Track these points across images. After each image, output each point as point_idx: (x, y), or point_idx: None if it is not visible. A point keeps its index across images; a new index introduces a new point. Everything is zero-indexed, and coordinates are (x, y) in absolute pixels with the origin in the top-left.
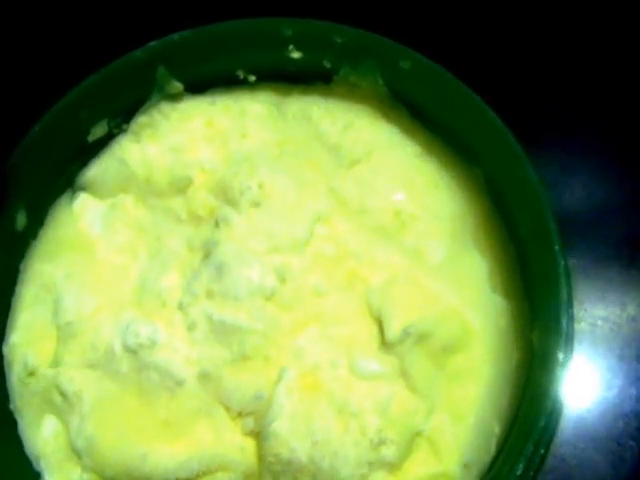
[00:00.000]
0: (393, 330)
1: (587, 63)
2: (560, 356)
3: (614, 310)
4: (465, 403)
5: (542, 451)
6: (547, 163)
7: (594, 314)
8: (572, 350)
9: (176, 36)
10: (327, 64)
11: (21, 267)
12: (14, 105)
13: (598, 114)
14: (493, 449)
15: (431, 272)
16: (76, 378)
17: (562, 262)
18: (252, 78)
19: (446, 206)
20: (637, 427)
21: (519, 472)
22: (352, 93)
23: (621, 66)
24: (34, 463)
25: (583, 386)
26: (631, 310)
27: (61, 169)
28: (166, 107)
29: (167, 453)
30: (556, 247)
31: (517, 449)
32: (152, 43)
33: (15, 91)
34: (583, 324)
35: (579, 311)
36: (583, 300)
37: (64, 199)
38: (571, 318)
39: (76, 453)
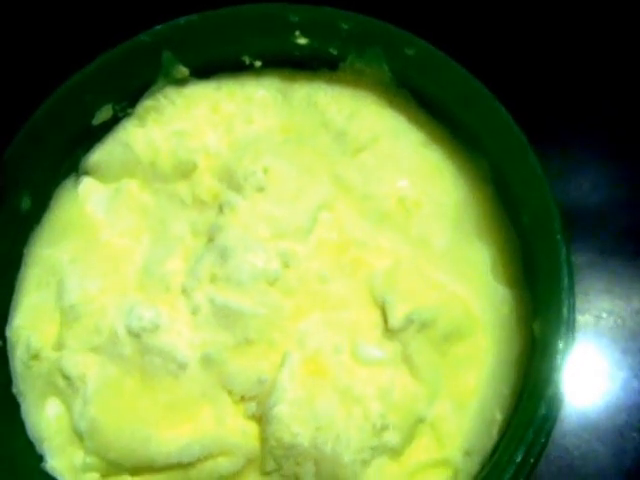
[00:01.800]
0: (396, 317)
1: (595, 53)
2: (561, 345)
3: (619, 303)
4: (467, 390)
5: (543, 439)
6: (553, 155)
7: (599, 306)
8: (573, 339)
9: (182, 20)
10: (333, 51)
11: (25, 251)
12: (19, 88)
13: (605, 106)
14: (495, 436)
15: (434, 260)
16: (79, 361)
17: (564, 251)
18: (258, 63)
19: (450, 194)
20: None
21: (519, 459)
22: (358, 80)
23: (629, 58)
24: (37, 446)
25: (587, 378)
26: (636, 303)
27: (65, 153)
28: (171, 92)
29: (169, 437)
30: (558, 236)
31: (518, 436)
32: (158, 27)
33: (20, 74)
34: (588, 316)
35: (584, 303)
36: (588, 292)
37: (68, 183)
38: (572, 307)
39: (79, 436)
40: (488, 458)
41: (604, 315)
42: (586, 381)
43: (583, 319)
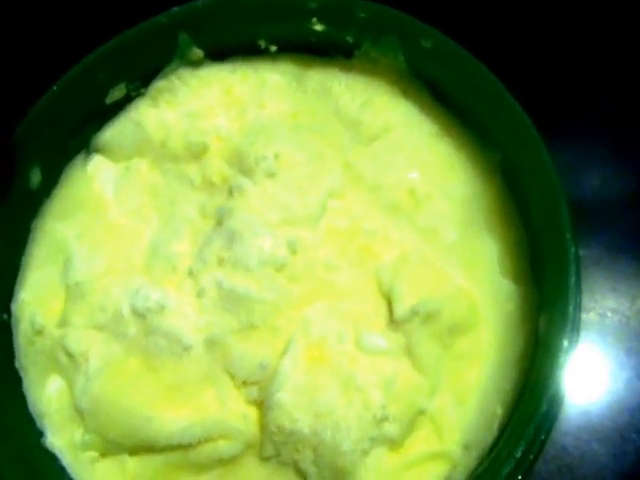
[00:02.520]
0: (402, 308)
1: (607, 49)
2: (565, 343)
3: (624, 302)
4: (469, 384)
5: (542, 436)
6: (563, 152)
7: (604, 305)
8: (578, 338)
9: (199, 3)
10: (349, 38)
11: (33, 226)
12: (34, 64)
13: (617, 102)
14: (495, 431)
15: (442, 252)
16: (83, 339)
17: (573, 250)
18: (273, 48)
19: (461, 187)
20: None
21: (518, 455)
22: (373, 69)
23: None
24: (37, 421)
25: (589, 377)
26: None
27: (77, 130)
28: (185, 73)
29: (171, 418)
30: (568, 235)
31: (518, 432)
32: (175, 9)
33: (36, 51)
34: (592, 314)
35: (589, 301)
36: (594, 290)
37: (79, 160)
38: (578, 306)
39: (79, 414)
40: (487, 453)
41: (609, 314)
42: (588, 380)
43: (587, 317)
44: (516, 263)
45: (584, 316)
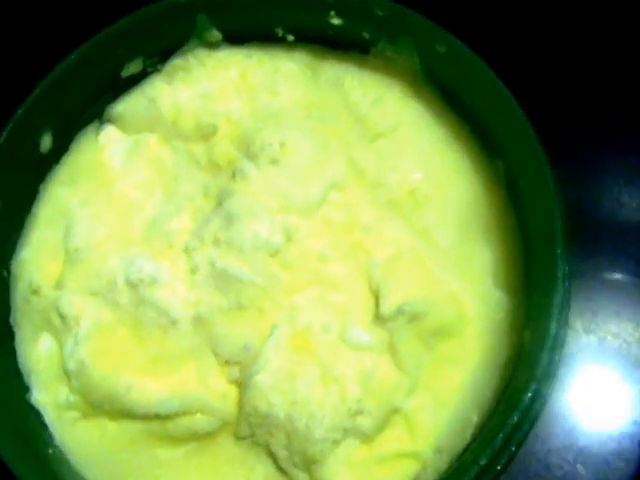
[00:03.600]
0: (388, 305)
1: (618, 63)
2: (544, 358)
3: (627, 327)
4: (448, 389)
5: (513, 448)
6: (572, 170)
7: (605, 328)
8: (560, 354)
9: None
10: (366, 35)
11: (40, 188)
12: (54, 31)
13: (627, 118)
14: (468, 438)
15: (437, 255)
16: (76, 303)
17: (562, 266)
18: (290, 37)
19: (462, 193)
20: (629, 449)
21: (483, 462)
22: (387, 67)
23: None
24: (25, 377)
25: (581, 399)
26: None
27: (91, 99)
28: (202, 53)
29: (151, 388)
30: (558, 250)
31: (486, 441)
32: None
33: (57, 20)
34: (592, 336)
35: (590, 323)
36: (597, 312)
37: (91, 129)
38: (563, 323)
39: (66, 374)
40: (458, 457)
41: (609, 338)
42: (580, 402)
43: (587, 339)
44: (509, 274)
45: (584, 338)
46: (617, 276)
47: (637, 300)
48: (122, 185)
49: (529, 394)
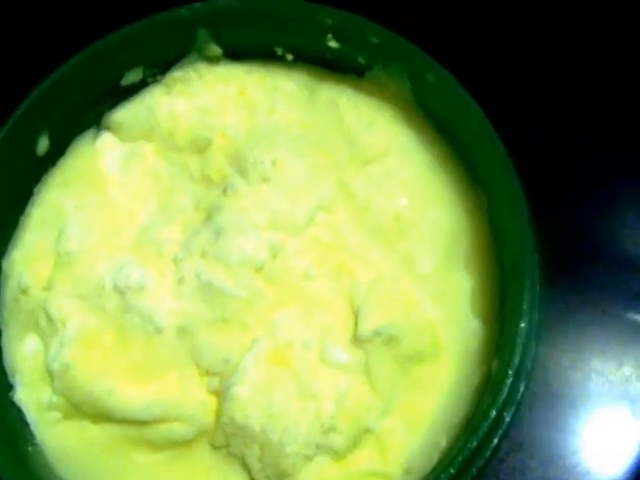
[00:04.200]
0: (366, 327)
1: (607, 100)
2: (507, 386)
3: (610, 366)
4: (420, 412)
5: (474, 470)
6: (566, 213)
7: (590, 365)
8: (525, 383)
9: (221, 2)
10: (361, 60)
11: (35, 190)
12: (56, 35)
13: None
14: (435, 461)
15: (417, 281)
16: (64, 305)
17: (529, 297)
18: (289, 57)
19: (446, 221)
20: None
21: None
22: (381, 91)
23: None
24: (9, 375)
25: (559, 433)
26: (627, 369)
27: (90, 105)
28: (202, 67)
29: (132, 393)
30: (526, 282)
31: (446, 463)
32: (197, 4)
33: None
34: (576, 372)
35: (575, 360)
36: (582, 349)
37: (88, 134)
38: (529, 353)
39: (50, 375)
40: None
41: (593, 375)
42: (558, 436)
43: (572, 375)
44: (486, 303)
45: (569, 374)
46: (605, 314)
47: (624, 340)
48: (116, 192)
49: (489, 421)
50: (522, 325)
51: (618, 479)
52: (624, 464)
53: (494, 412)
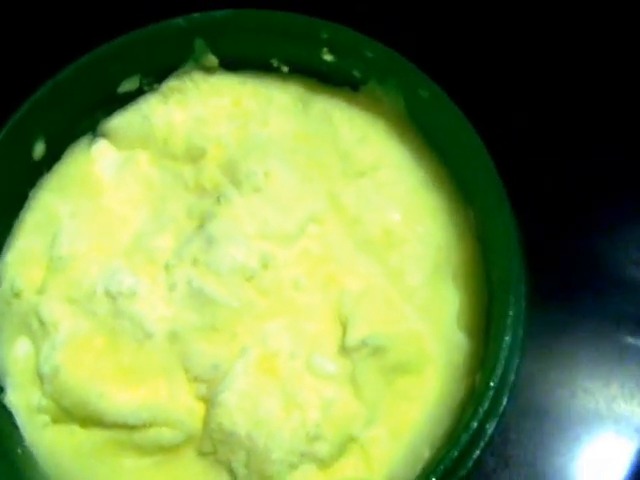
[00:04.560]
0: (353, 337)
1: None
2: (488, 398)
3: (597, 385)
4: (405, 423)
5: None
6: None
7: (577, 384)
8: (507, 396)
9: (218, 13)
10: (356, 73)
11: (30, 194)
12: (54, 42)
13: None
14: (418, 471)
15: (405, 294)
16: (56, 309)
17: (514, 312)
18: (285, 69)
19: (436, 236)
20: None
21: None
22: (375, 106)
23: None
24: (0, 377)
25: (545, 449)
26: (614, 389)
27: (87, 112)
28: (198, 77)
29: (122, 398)
30: (510, 297)
31: (427, 474)
32: (195, 15)
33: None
34: (564, 391)
35: (563, 377)
36: (571, 367)
37: (84, 141)
38: (512, 367)
39: (40, 378)
40: None
41: (580, 394)
42: (543, 453)
43: (560, 392)
44: (472, 317)
45: (557, 391)
46: (594, 334)
47: (610, 359)
48: (110, 199)
49: (470, 432)
50: (506, 339)
51: None
52: None
53: (475, 423)
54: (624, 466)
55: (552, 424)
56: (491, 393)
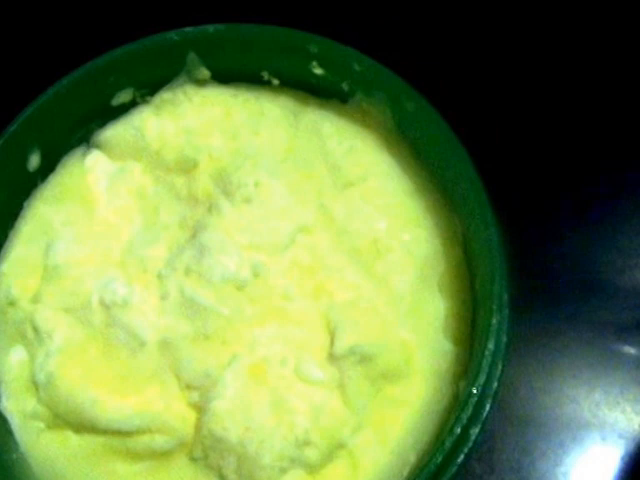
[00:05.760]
0: (341, 345)
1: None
2: (471, 404)
3: (581, 391)
4: (392, 429)
5: None
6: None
7: (561, 390)
8: (489, 404)
9: (211, 28)
10: (345, 86)
11: (25, 204)
12: (49, 55)
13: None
14: (404, 476)
15: (392, 302)
16: (50, 318)
17: (497, 321)
18: (275, 82)
19: (423, 246)
20: None
21: None
22: (364, 118)
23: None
24: None
25: (528, 456)
26: (598, 395)
27: (81, 123)
28: (190, 90)
29: (115, 405)
30: (494, 306)
31: (412, 479)
32: (187, 29)
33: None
34: (548, 397)
35: (547, 383)
36: (554, 374)
37: (78, 152)
38: (494, 374)
39: (35, 386)
40: None
41: (564, 400)
42: (526, 460)
43: (544, 399)
44: (458, 326)
45: (543, 398)
46: (577, 340)
47: (594, 365)
48: (104, 209)
49: (454, 437)
50: (489, 347)
51: None
52: None
53: (459, 429)
54: (609, 472)
55: (537, 431)
56: (474, 400)
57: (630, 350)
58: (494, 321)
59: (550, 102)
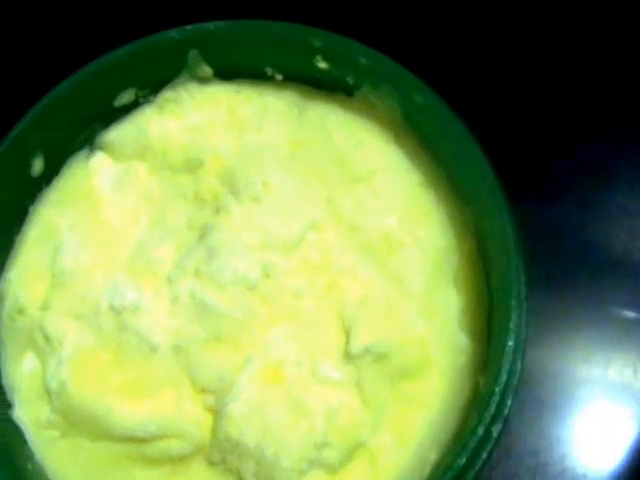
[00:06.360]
0: (357, 344)
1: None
2: (494, 402)
3: (595, 373)
4: (411, 427)
5: None
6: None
7: (575, 373)
8: (511, 399)
9: (211, 25)
10: (350, 80)
11: (30, 209)
12: (50, 57)
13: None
14: (426, 475)
15: (406, 298)
16: (60, 325)
17: (516, 317)
18: (279, 77)
19: (435, 239)
20: None
21: None
22: (370, 111)
23: None
24: (7, 394)
25: (542, 439)
26: (611, 376)
27: (84, 125)
28: (193, 88)
29: (130, 411)
30: (513, 302)
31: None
32: (188, 27)
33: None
34: (562, 380)
35: (560, 368)
36: (568, 357)
37: (82, 154)
38: (515, 370)
39: (48, 394)
40: None
41: (578, 383)
42: (543, 445)
43: (557, 383)
44: (474, 320)
45: (557, 381)
46: (589, 322)
47: (606, 346)
48: (110, 211)
49: (477, 437)
50: (510, 344)
51: None
52: (610, 470)
53: (482, 429)
54: (625, 452)
55: (552, 414)
56: (496, 399)
57: None
58: (513, 317)
59: (556, 93)
